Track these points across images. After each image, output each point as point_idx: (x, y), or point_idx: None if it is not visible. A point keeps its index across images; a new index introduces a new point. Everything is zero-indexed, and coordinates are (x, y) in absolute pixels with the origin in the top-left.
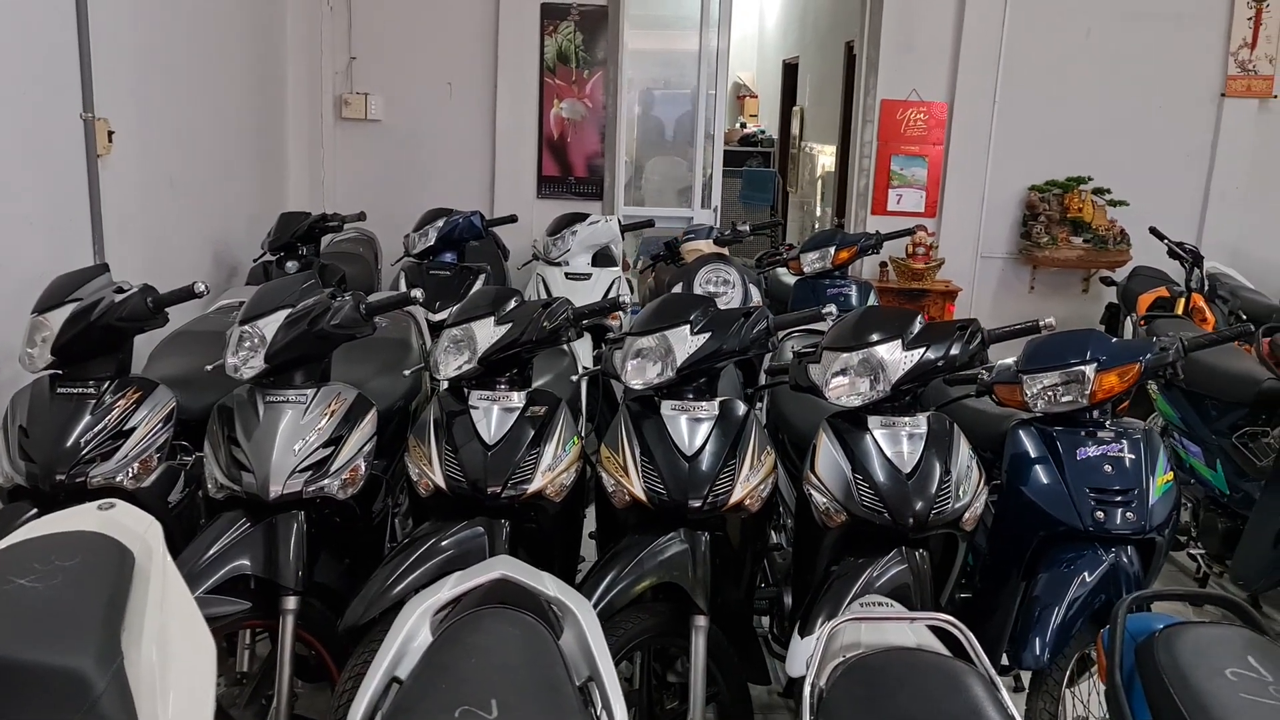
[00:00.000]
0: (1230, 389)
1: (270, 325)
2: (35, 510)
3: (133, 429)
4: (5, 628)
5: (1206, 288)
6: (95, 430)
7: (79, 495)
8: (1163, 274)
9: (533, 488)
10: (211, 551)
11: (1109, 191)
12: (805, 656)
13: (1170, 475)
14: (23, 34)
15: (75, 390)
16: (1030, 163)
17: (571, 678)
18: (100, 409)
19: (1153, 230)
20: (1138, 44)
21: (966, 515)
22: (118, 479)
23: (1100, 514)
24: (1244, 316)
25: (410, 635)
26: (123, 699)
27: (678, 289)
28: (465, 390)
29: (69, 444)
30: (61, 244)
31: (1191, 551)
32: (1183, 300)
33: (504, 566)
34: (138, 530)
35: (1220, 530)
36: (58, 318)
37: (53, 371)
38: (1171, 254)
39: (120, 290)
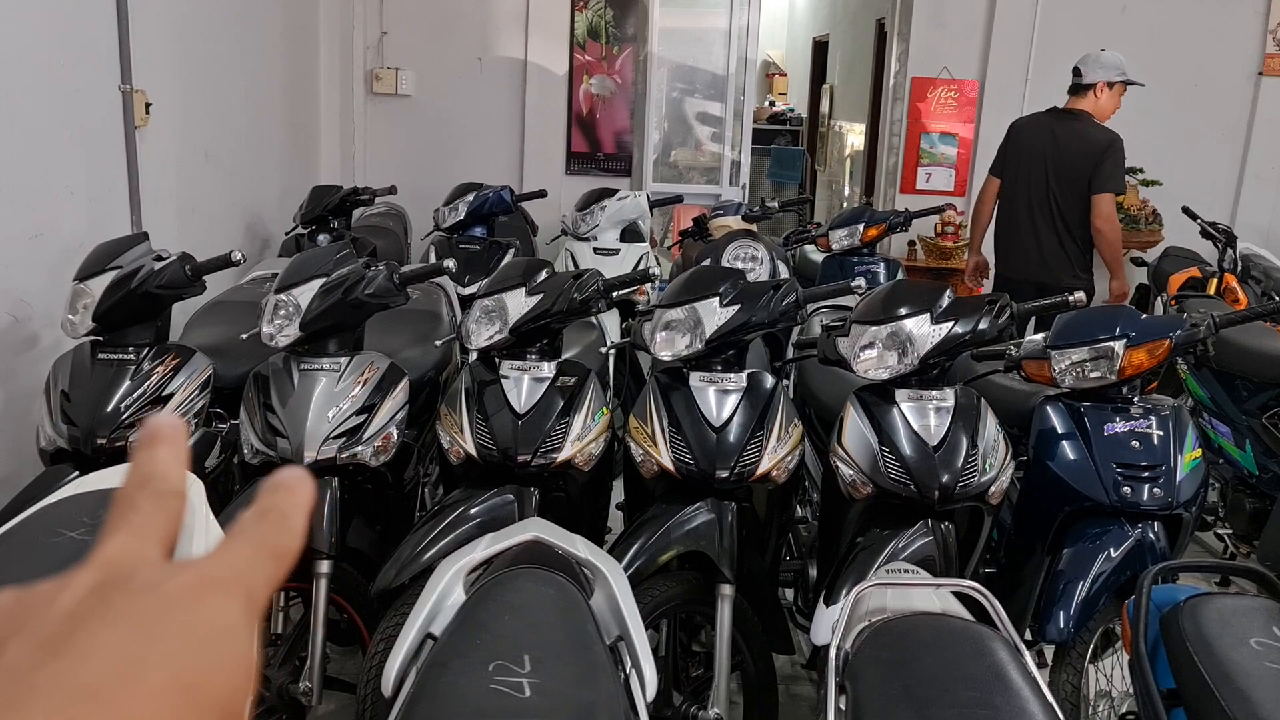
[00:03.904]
0: (1262, 369)
1: (305, 294)
2: (77, 473)
3: (170, 394)
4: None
5: (1240, 269)
6: (135, 395)
7: (119, 458)
8: (1195, 254)
9: (562, 456)
10: None
11: (1141, 171)
12: (830, 623)
13: (1198, 452)
14: (63, 7)
15: (115, 356)
16: None
17: (602, 636)
18: (139, 375)
19: (1186, 210)
20: (1173, 21)
21: (992, 489)
22: None
23: (1127, 489)
24: (1277, 298)
25: (444, 593)
26: None
27: (706, 264)
28: (496, 360)
29: (109, 408)
30: (101, 213)
31: (1218, 531)
32: (1215, 280)
33: (536, 528)
34: None
35: (1248, 510)
36: (99, 285)
37: (94, 338)
38: (1204, 234)
39: (159, 258)
